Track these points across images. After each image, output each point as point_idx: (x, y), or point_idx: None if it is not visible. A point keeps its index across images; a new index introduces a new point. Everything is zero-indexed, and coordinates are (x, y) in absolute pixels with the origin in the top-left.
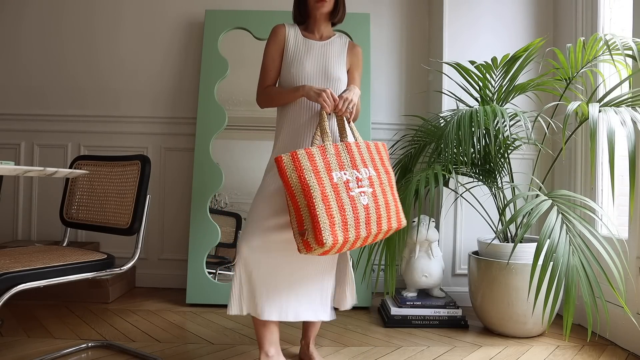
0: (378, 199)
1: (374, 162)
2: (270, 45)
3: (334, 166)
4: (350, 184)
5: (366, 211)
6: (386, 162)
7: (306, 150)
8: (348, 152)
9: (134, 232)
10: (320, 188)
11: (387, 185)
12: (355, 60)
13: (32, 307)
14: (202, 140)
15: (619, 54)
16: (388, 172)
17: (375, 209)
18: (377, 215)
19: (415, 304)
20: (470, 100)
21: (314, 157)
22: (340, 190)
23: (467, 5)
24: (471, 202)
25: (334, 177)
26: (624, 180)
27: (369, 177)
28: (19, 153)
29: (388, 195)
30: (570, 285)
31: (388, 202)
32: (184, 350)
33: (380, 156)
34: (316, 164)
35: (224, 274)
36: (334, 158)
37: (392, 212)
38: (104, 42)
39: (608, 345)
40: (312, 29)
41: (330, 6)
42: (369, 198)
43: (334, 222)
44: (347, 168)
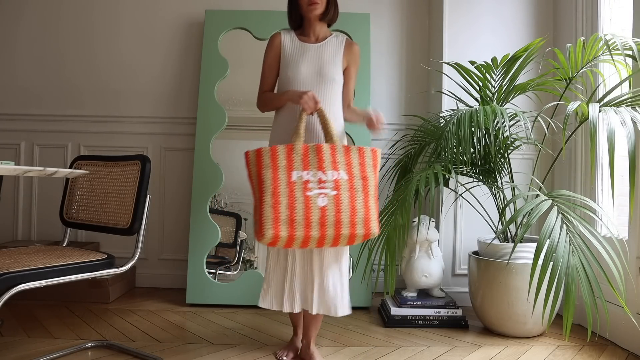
0: (342, 202)
1: (350, 167)
2: (267, 53)
3: (297, 165)
4: (310, 185)
5: (322, 212)
6: (368, 168)
7: (272, 148)
8: (317, 154)
9: (134, 232)
10: (273, 184)
11: (360, 191)
12: (353, 59)
13: (32, 307)
14: (202, 140)
15: (619, 54)
16: (366, 178)
17: (334, 212)
18: (336, 219)
19: (415, 304)
20: (470, 100)
21: (277, 155)
22: (296, 188)
23: (467, 5)
24: (471, 202)
25: (293, 176)
26: (624, 180)
27: (336, 180)
28: (19, 153)
29: (358, 201)
30: (570, 285)
31: (355, 208)
32: (184, 350)
33: (362, 161)
34: (277, 162)
35: (224, 274)
36: (299, 158)
37: (359, 218)
38: (104, 42)
39: (608, 345)
40: (307, 32)
41: (322, 8)
42: (329, 200)
43: (279, 218)
44: (312, 168)
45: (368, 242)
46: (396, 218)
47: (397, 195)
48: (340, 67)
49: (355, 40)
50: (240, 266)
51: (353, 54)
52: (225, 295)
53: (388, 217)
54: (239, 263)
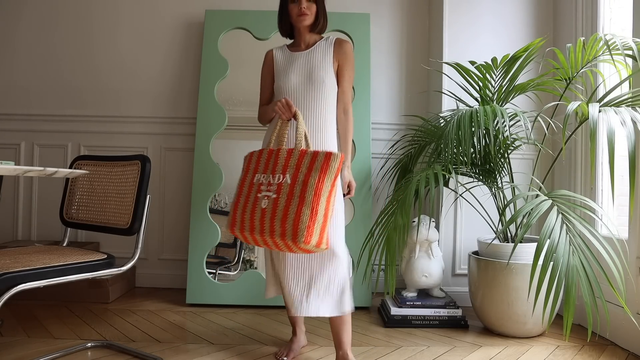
0: (277, 207)
1: (297, 171)
2: (262, 69)
3: (261, 168)
4: (262, 187)
5: (262, 214)
6: (314, 173)
7: (251, 153)
8: (275, 158)
9: (134, 232)
10: (240, 184)
11: (297, 197)
12: (343, 57)
13: (32, 307)
14: (202, 140)
15: (619, 54)
16: (306, 183)
17: (270, 215)
18: (271, 223)
19: (415, 304)
20: (470, 100)
21: (252, 159)
22: (253, 190)
23: (467, 5)
24: (471, 202)
25: (254, 178)
26: (624, 180)
27: (279, 183)
28: (19, 153)
29: (292, 207)
30: (570, 285)
31: (286, 215)
32: (184, 350)
33: (310, 166)
34: (249, 165)
35: (224, 274)
36: (264, 161)
37: (288, 226)
38: (104, 42)
39: (608, 345)
40: (298, 42)
41: (311, 19)
42: (268, 202)
43: (235, 217)
44: (268, 172)
45: (368, 242)
46: (396, 218)
47: (397, 195)
48: (330, 69)
49: (355, 40)
50: (240, 266)
51: (342, 52)
52: (225, 295)
53: (388, 217)
54: (239, 263)
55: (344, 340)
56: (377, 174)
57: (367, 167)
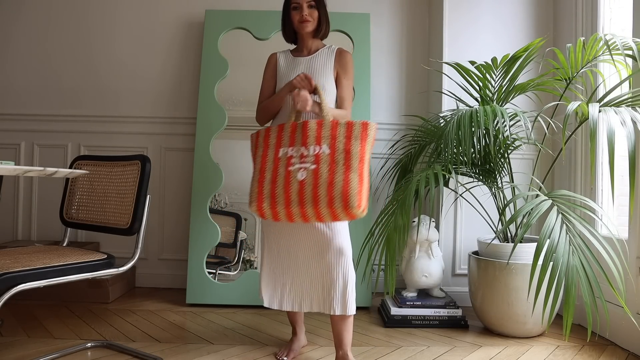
0: (320, 177)
1: (334, 140)
2: (266, 72)
3: (285, 142)
4: (292, 160)
5: (300, 186)
6: (354, 141)
7: (266, 129)
8: (302, 130)
9: (134, 232)
10: (262, 160)
11: (341, 164)
12: (342, 66)
13: (32, 307)
14: (202, 140)
15: (619, 54)
16: (349, 151)
17: (312, 186)
18: (314, 194)
19: (415, 304)
20: (470, 100)
21: (269, 135)
22: (280, 164)
23: (467, 5)
24: (471, 202)
25: (279, 152)
26: (624, 180)
27: (317, 154)
28: (19, 153)
29: (337, 175)
30: (570, 285)
31: (332, 182)
32: (184, 350)
33: (348, 134)
34: (268, 141)
35: (224, 274)
36: (287, 135)
37: (336, 193)
38: (104, 42)
39: (608, 345)
40: (301, 47)
41: (313, 25)
42: (307, 174)
43: (262, 192)
44: (296, 145)
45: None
46: (396, 218)
47: (397, 195)
48: (331, 76)
49: (355, 41)
50: (240, 266)
51: (342, 62)
52: (225, 295)
53: (388, 217)
54: (239, 263)
55: (345, 341)
56: (377, 174)
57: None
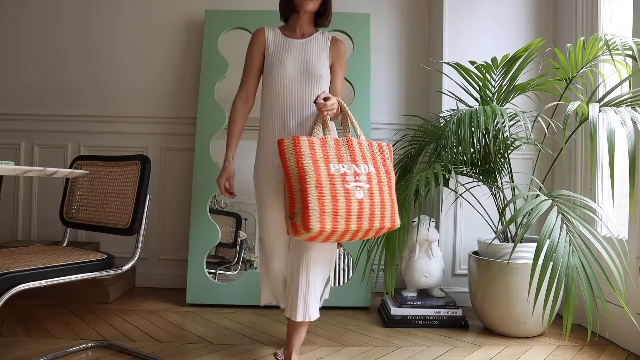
0: (374, 196)
1: (375, 160)
2: (251, 48)
3: (332, 158)
4: (347, 177)
5: (359, 205)
6: (388, 162)
7: (308, 138)
8: (348, 147)
9: (134, 232)
10: (316, 175)
11: (386, 184)
12: (337, 55)
13: (32, 307)
14: (202, 140)
15: (619, 54)
16: (388, 172)
17: (369, 205)
18: (371, 212)
19: (415, 304)
20: (470, 100)
21: (314, 146)
22: (336, 181)
23: (467, 5)
24: (471, 202)
25: (331, 168)
26: (624, 180)
27: (368, 173)
28: (19, 153)
29: (385, 194)
30: (570, 285)
31: (384, 201)
32: (184, 350)
33: (382, 156)
34: (315, 153)
35: (224, 274)
36: (333, 150)
37: (387, 211)
38: (103, 42)
39: (608, 345)
40: (293, 27)
41: (315, 5)
42: (364, 193)
43: (324, 210)
44: (345, 161)
45: (368, 242)
46: None
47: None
48: (327, 64)
49: (355, 40)
50: (240, 266)
51: (338, 51)
52: (225, 295)
53: None
54: (239, 263)
55: (296, 344)
56: None
57: None
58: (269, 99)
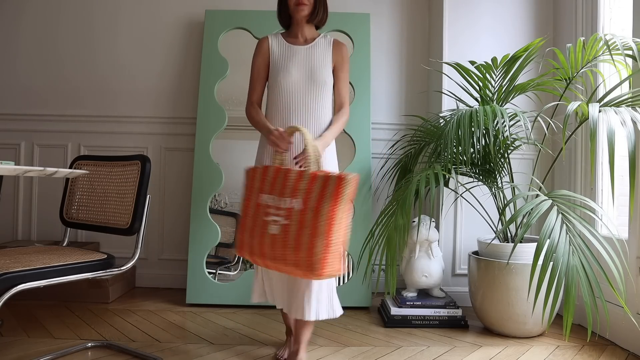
0: (289, 235)
1: (308, 196)
2: (256, 58)
3: (267, 188)
4: (270, 209)
5: (272, 240)
6: (326, 200)
7: (252, 169)
8: (283, 179)
9: (134, 232)
10: (245, 204)
11: (308, 226)
12: (340, 59)
13: (32, 307)
14: (202, 140)
15: (619, 54)
16: (318, 211)
17: (282, 242)
18: (283, 251)
19: (415, 304)
20: (470, 100)
21: (255, 176)
22: (260, 212)
23: (467, 5)
24: (471, 202)
25: (260, 198)
26: (624, 180)
27: (288, 208)
28: (19, 153)
29: (303, 237)
30: (570, 285)
31: (299, 244)
32: (184, 350)
33: (322, 192)
34: (253, 183)
35: (224, 274)
36: (270, 181)
37: (302, 257)
38: (103, 42)
39: (608, 345)
40: (295, 33)
41: (309, 10)
42: (279, 229)
43: (244, 239)
44: (275, 193)
45: (368, 243)
46: (396, 218)
47: (397, 195)
48: (330, 69)
49: (355, 41)
50: (240, 266)
51: (340, 54)
52: (225, 295)
53: (388, 217)
54: (239, 263)
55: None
56: (377, 174)
57: (367, 167)
58: (274, 104)
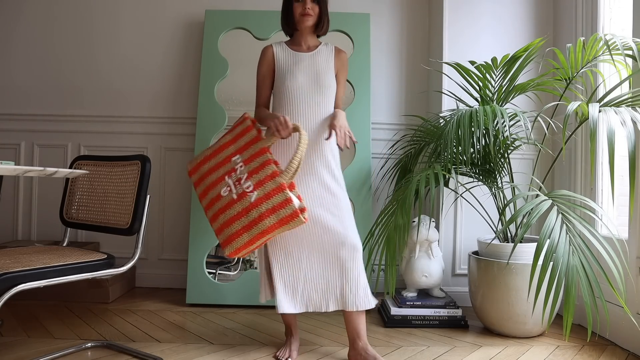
0: (228, 210)
1: (259, 187)
2: (261, 66)
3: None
4: (233, 174)
5: (216, 198)
6: (272, 216)
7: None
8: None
9: (134, 232)
10: (221, 146)
11: (245, 221)
12: (341, 65)
13: (32, 307)
14: (202, 140)
15: (619, 54)
16: (261, 219)
17: (219, 209)
18: (214, 215)
19: (415, 304)
20: (470, 100)
21: (244, 133)
22: (225, 167)
23: (467, 5)
24: (471, 202)
25: (233, 156)
26: (624, 180)
27: (243, 192)
28: (19, 153)
29: (235, 223)
30: (570, 285)
31: (229, 224)
32: (184, 350)
33: (274, 207)
34: (237, 136)
35: (224, 274)
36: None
37: (223, 235)
38: (104, 42)
39: (608, 345)
40: (299, 41)
41: (314, 20)
42: (225, 197)
43: (198, 171)
44: (241, 159)
45: (368, 242)
46: (396, 218)
47: (397, 195)
48: (333, 74)
49: (355, 41)
50: (240, 266)
51: (341, 61)
52: (225, 295)
53: (388, 217)
54: (239, 263)
55: (363, 333)
56: (377, 174)
57: (367, 167)
58: (280, 107)
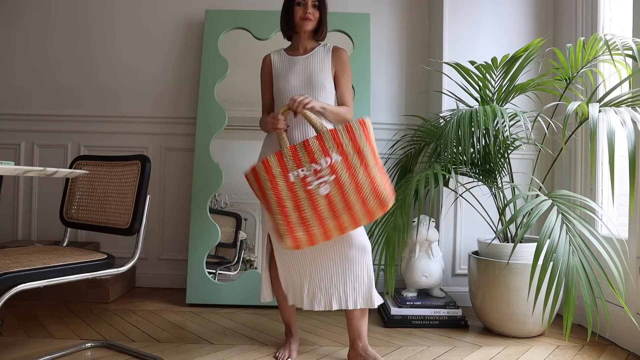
0: (344, 184)
1: (341, 147)
2: (261, 75)
3: (291, 166)
4: (308, 179)
5: (328, 200)
6: (360, 140)
7: (263, 161)
8: (305, 149)
9: (134, 232)
10: (275, 193)
11: (359, 166)
12: (340, 63)
13: (32, 307)
14: (202, 140)
15: (619, 54)
16: (360, 151)
17: (340, 195)
18: (345, 202)
19: (415, 304)
20: (470, 100)
21: (270, 165)
22: (297, 188)
23: (467, 5)
24: (471, 202)
25: (290, 178)
26: (624, 180)
27: (331, 165)
28: (19, 153)
29: (359, 176)
30: (570, 285)
31: (359, 184)
32: (184, 350)
33: (351, 137)
34: (272, 171)
35: (224, 274)
36: (290, 159)
37: (366, 193)
38: (103, 41)
39: (608, 345)
40: (296, 46)
41: (313, 25)
42: (331, 186)
43: (290, 221)
44: (304, 164)
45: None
46: (396, 218)
47: (397, 195)
48: (329, 74)
49: (355, 41)
50: (240, 266)
51: (339, 59)
52: (225, 295)
53: (388, 217)
54: (239, 263)
55: (364, 334)
56: None
57: None
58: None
